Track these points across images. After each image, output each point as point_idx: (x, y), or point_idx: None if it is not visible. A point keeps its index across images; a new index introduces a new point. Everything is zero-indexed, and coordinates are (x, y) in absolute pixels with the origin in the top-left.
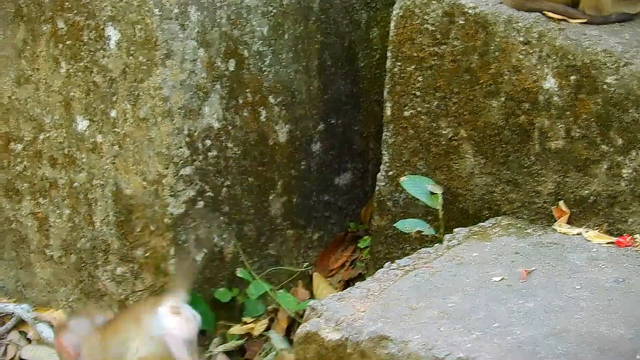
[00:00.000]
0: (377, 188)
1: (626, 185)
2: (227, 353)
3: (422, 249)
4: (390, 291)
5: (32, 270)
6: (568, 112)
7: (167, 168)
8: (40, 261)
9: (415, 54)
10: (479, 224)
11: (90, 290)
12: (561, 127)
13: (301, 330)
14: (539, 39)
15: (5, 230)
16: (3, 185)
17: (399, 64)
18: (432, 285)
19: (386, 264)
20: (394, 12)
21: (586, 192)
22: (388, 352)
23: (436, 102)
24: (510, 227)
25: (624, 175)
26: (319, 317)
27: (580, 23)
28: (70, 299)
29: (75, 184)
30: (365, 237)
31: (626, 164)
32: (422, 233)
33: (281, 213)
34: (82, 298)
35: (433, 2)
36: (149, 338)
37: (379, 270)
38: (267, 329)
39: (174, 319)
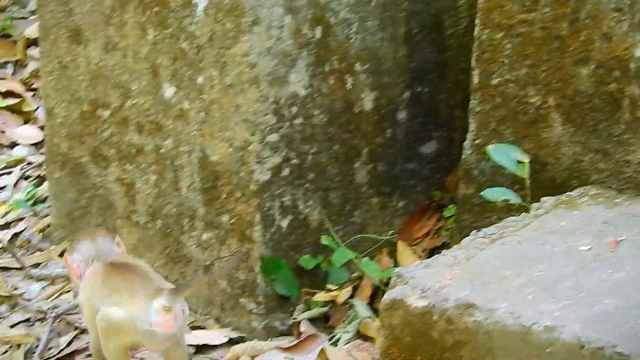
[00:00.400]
0: (463, 156)
1: None
2: (311, 320)
3: (509, 217)
4: (476, 259)
5: (118, 235)
6: None
7: (253, 135)
8: (127, 227)
9: (504, 21)
10: (567, 193)
11: (176, 255)
12: None
13: (387, 297)
14: (631, 5)
15: (92, 195)
16: (91, 151)
17: (487, 31)
18: (519, 253)
19: (472, 232)
20: None
21: None
22: (474, 319)
23: (525, 70)
24: (598, 196)
25: None
26: (405, 284)
27: None
28: (156, 264)
29: (162, 150)
30: (450, 205)
31: None
32: (509, 202)
33: (366, 181)
34: (168, 263)
35: None
36: (133, 320)
37: (465, 239)
38: (351, 296)
39: (164, 316)
